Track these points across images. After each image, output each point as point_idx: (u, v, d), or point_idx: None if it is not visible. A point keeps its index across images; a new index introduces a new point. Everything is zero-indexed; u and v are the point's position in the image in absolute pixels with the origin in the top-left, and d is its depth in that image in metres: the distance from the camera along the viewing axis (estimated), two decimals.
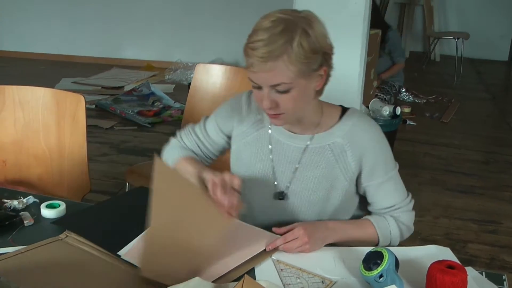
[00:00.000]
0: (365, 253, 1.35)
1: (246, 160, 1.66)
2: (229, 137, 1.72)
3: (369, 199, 1.64)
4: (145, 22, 7.31)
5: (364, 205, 1.68)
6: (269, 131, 1.63)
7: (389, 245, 1.59)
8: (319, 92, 1.52)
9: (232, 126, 1.69)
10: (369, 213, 1.67)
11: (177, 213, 1.39)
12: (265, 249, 1.44)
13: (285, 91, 1.41)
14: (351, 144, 1.56)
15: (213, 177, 1.46)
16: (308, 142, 1.58)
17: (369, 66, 4.70)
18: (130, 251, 1.40)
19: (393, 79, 5.67)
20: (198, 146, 1.77)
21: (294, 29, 1.37)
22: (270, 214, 1.64)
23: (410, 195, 1.66)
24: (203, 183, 1.52)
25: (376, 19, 4.61)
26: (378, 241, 1.59)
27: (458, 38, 7.59)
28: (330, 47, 1.46)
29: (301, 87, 1.42)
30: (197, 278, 1.25)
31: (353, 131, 1.56)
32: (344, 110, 1.61)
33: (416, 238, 3.05)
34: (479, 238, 3.27)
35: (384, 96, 5.45)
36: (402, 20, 8.93)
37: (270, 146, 1.62)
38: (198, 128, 1.79)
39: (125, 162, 4.10)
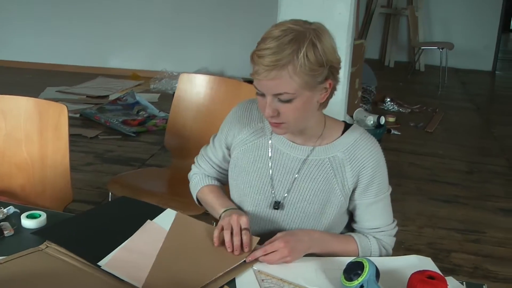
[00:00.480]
0: (346, 264, 1.35)
1: (243, 167, 1.64)
2: (229, 149, 1.72)
3: (356, 217, 1.64)
4: (130, 32, 7.31)
5: (348, 222, 1.68)
6: (270, 140, 1.62)
7: None
8: (323, 104, 1.52)
9: (233, 134, 1.68)
10: (353, 230, 1.67)
11: (185, 247, 1.49)
12: (245, 261, 1.43)
13: (288, 101, 1.41)
14: (351, 159, 1.55)
15: (220, 222, 1.52)
16: (308, 154, 1.58)
17: (353, 76, 4.74)
18: (110, 261, 1.39)
19: (366, 83, 5.65)
20: (213, 168, 1.79)
21: (302, 40, 1.37)
22: (264, 223, 1.63)
23: (396, 222, 1.65)
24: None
25: None
26: None
27: (442, 48, 7.67)
28: (338, 61, 1.46)
29: (304, 98, 1.42)
30: None
31: (354, 147, 1.56)
32: (347, 126, 1.61)
33: (400, 248, 3.05)
34: (462, 247, 3.28)
35: (365, 106, 5.48)
36: (387, 30, 9.02)
37: (269, 155, 1.61)
38: (209, 148, 1.79)
39: (109, 171, 4.08)
